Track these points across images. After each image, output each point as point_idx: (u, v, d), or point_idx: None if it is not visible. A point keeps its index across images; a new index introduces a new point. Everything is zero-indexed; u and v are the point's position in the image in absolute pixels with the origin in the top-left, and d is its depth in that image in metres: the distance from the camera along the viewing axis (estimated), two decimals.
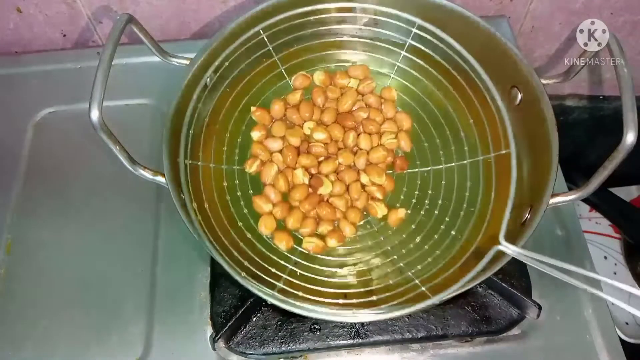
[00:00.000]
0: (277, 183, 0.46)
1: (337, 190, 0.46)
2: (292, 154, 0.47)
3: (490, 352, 0.44)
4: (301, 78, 0.51)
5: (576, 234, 0.49)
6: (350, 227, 0.45)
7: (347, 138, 0.48)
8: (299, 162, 0.47)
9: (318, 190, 0.45)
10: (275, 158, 0.48)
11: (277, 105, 0.49)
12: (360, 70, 0.51)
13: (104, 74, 0.37)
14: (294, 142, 0.48)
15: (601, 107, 0.72)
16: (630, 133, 0.36)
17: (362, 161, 0.47)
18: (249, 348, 0.44)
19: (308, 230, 0.45)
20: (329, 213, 0.45)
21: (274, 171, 0.47)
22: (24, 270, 0.48)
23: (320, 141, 0.48)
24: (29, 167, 0.54)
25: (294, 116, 0.49)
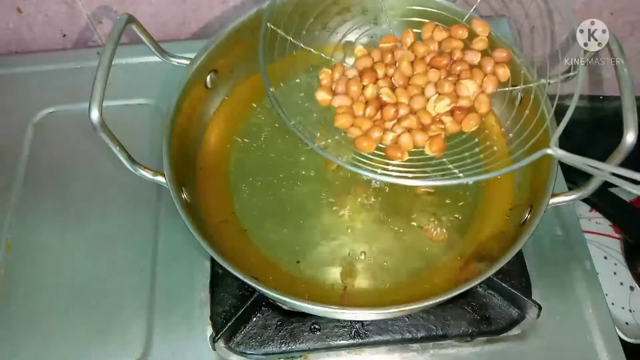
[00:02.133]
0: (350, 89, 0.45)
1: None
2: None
3: (490, 352, 0.44)
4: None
5: (576, 234, 0.49)
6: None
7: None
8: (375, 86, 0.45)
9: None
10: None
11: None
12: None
13: (104, 74, 0.37)
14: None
15: (601, 107, 0.72)
16: (630, 133, 0.36)
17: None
18: (249, 348, 0.44)
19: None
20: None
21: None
22: (23, 270, 0.48)
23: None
24: (28, 167, 0.54)
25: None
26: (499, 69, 0.45)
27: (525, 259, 0.47)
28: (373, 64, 0.47)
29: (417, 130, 0.43)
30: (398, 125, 0.44)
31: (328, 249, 0.45)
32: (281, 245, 0.46)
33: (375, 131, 0.43)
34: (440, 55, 0.47)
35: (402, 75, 0.46)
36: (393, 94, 0.45)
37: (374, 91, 0.45)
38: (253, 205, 0.47)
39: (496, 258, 0.39)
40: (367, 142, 0.42)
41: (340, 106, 0.45)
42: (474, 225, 0.46)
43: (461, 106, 0.45)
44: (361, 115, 0.44)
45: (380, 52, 0.47)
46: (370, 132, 0.43)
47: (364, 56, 0.47)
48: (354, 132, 0.43)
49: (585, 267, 0.47)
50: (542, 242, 0.48)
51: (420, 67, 0.46)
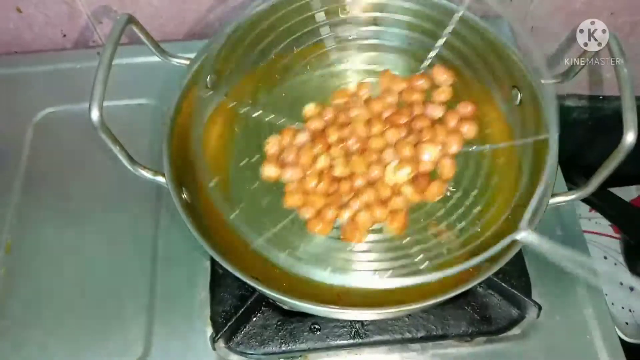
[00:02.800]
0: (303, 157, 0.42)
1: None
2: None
3: (490, 352, 0.44)
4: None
5: (576, 234, 0.49)
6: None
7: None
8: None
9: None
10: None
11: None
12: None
13: (104, 74, 0.37)
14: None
15: (601, 107, 0.72)
16: (630, 133, 0.36)
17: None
18: (249, 348, 0.44)
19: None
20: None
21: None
22: (23, 270, 0.48)
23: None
24: (29, 167, 0.54)
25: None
26: (464, 125, 0.43)
27: (525, 258, 0.47)
28: (326, 125, 0.43)
29: (376, 205, 0.41)
30: (355, 199, 0.41)
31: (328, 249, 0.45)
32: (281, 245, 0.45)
33: (329, 210, 0.40)
34: (399, 110, 0.44)
35: (357, 138, 0.42)
36: (348, 165, 0.42)
37: (327, 162, 0.42)
38: (253, 204, 0.47)
39: (496, 258, 0.39)
40: (321, 224, 0.40)
41: (291, 182, 0.42)
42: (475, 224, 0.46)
43: (424, 173, 0.42)
44: (313, 190, 0.41)
45: (333, 109, 0.44)
46: (324, 211, 0.40)
47: (315, 116, 0.44)
48: (306, 213, 0.41)
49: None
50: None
51: (377, 127, 0.43)
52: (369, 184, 0.42)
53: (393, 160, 0.42)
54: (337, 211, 0.41)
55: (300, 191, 0.42)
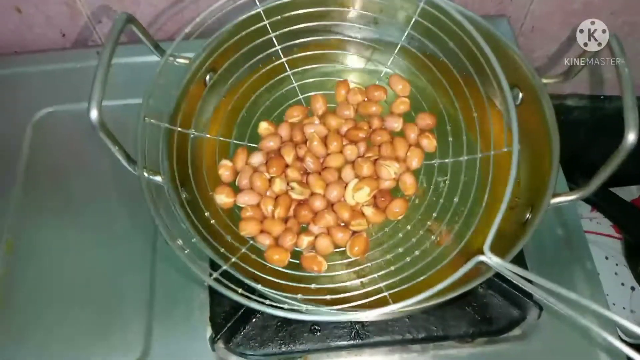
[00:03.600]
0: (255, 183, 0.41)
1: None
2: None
3: (491, 353, 0.44)
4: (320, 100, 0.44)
5: (577, 234, 0.49)
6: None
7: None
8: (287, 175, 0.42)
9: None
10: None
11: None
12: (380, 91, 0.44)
13: (103, 74, 0.37)
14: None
15: (602, 106, 0.72)
16: (631, 133, 0.36)
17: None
18: (248, 349, 0.44)
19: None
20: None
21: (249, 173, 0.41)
22: (24, 270, 0.48)
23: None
24: (28, 166, 0.53)
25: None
26: (423, 139, 0.42)
27: (526, 259, 0.47)
28: (281, 145, 0.42)
29: (336, 228, 0.40)
30: (314, 224, 0.40)
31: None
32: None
33: (287, 237, 0.39)
34: (357, 125, 0.43)
35: (314, 157, 0.41)
36: (305, 188, 0.40)
37: (283, 186, 0.40)
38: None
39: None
40: (279, 254, 0.38)
41: (246, 208, 0.40)
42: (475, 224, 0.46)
43: (383, 190, 0.41)
44: (270, 216, 0.40)
45: (288, 126, 0.43)
46: (282, 239, 0.39)
47: (270, 135, 0.43)
48: (263, 241, 0.39)
49: (586, 267, 0.47)
50: (543, 242, 0.48)
51: (334, 144, 0.41)
52: (328, 206, 0.40)
53: (352, 179, 0.41)
54: (296, 238, 0.39)
55: (257, 217, 0.40)
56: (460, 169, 0.44)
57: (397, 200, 0.41)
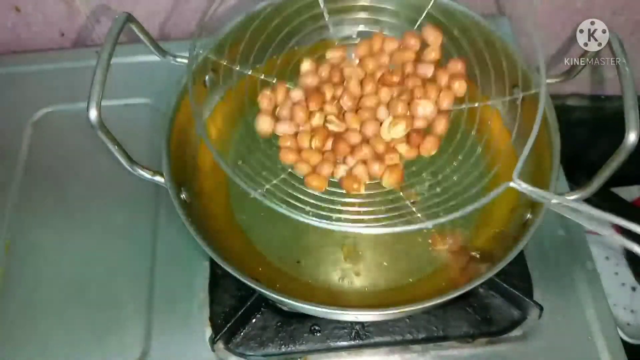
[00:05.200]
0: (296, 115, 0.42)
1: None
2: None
3: (491, 353, 0.44)
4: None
5: (578, 234, 0.49)
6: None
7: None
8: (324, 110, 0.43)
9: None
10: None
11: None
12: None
13: (102, 73, 0.37)
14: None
15: (603, 106, 0.72)
16: (632, 133, 0.36)
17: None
18: (248, 349, 0.43)
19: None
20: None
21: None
22: (22, 270, 0.48)
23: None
24: (27, 166, 0.53)
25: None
26: (454, 82, 0.43)
27: (527, 259, 0.47)
28: (320, 83, 0.44)
29: (372, 161, 0.41)
30: (351, 157, 0.41)
31: (328, 250, 0.45)
32: (281, 246, 0.45)
33: (325, 166, 0.40)
34: (391, 71, 0.44)
35: (351, 96, 0.43)
36: (342, 122, 0.42)
37: (321, 120, 0.42)
38: (253, 205, 0.47)
39: (497, 258, 0.39)
40: (318, 181, 0.40)
41: (284, 137, 0.42)
42: (476, 225, 0.46)
43: (418, 129, 0.42)
44: (308, 148, 0.41)
45: (328, 66, 0.45)
46: (319, 167, 0.41)
47: (310, 73, 0.44)
48: (302, 169, 0.41)
49: (587, 267, 0.47)
50: (544, 243, 0.48)
51: (370, 86, 0.43)
52: (364, 141, 0.42)
53: (387, 118, 0.42)
54: (333, 167, 0.41)
55: (295, 148, 0.42)
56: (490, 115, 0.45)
57: (429, 137, 0.42)
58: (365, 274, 0.44)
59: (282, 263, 0.44)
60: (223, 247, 0.42)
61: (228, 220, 0.46)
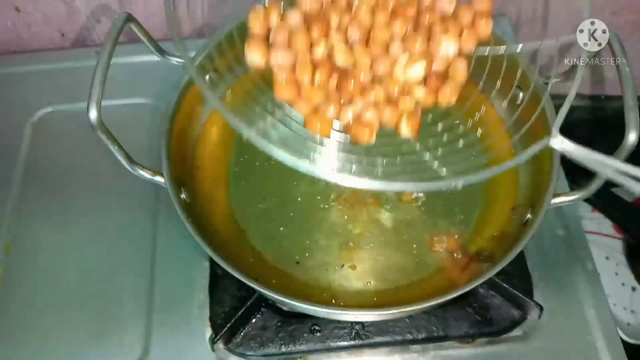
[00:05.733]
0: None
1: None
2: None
3: (491, 354, 0.44)
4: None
5: (578, 234, 0.49)
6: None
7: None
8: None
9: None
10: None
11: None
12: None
13: (102, 73, 0.37)
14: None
15: (603, 106, 0.72)
16: (632, 133, 0.36)
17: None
18: (248, 349, 0.43)
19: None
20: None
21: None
22: (22, 270, 0.48)
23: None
24: (27, 166, 0.53)
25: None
26: (479, 21, 0.37)
27: (527, 259, 0.47)
28: (323, 7, 0.36)
29: (385, 104, 0.34)
30: (359, 97, 0.35)
31: (328, 249, 0.45)
32: (281, 246, 0.45)
33: (329, 106, 0.34)
34: (407, 1, 0.37)
35: (360, 26, 0.35)
36: (350, 54, 0.35)
37: (325, 50, 0.35)
38: (253, 205, 0.47)
39: (498, 258, 0.39)
40: (321, 122, 0.33)
41: (279, 69, 0.34)
42: (476, 225, 0.46)
43: (436, 71, 0.36)
44: (309, 83, 0.34)
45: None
46: (323, 108, 0.34)
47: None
48: (302, 108, 0.34)
49: (587, 267, 0.47)
50: (544, 243, 0.48)
51: (382, 16, 0.36)
52: (375, 81, 0.35)
53: (402, 54, 0.35)
54: (338, 109, 0.34)
55: (293, 82, 0.34)
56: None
57: (451, 82, 0.36)
58: (365, 273, 0.44)
59: (282, 263, 0.44)
60: (223, 247, 0.42)
61: (228, 220, 0.46)
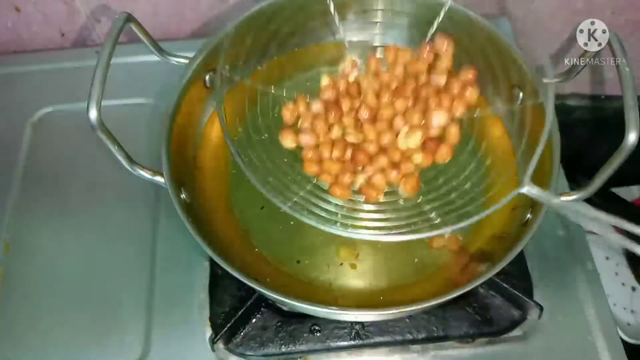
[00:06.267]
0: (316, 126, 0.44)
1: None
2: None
3: (491, 354, 0.44)
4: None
5: (578, 235, 0.49)
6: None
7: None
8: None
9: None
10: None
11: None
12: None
13: (102, 73, 0.37)
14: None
15: (603, 106, 0.72)
16: (632, 133, 0.36)
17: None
18: (248, 349, 0.43)
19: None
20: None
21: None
22: (22, 270, 0.48)
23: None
24: (27, 166, 0.53)
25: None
26: (466, 90, 0.45)
27: (527, 259, 0.47)
28: (338, 96, 0.46)
29: (389, 169, 0.43)
30: (369, 166, 0.43)
31: (328, 250, 0.45)
32: (281, 246, 0.45)
33: (345, 175, 0.43)
34: (405, 82, 0.46)
35: (368, 107, 0.45)
36: (360, 133, 0.44)
37: (340, 132, 0.44)
38: (253, 205, 0.47)
39: (498, 258, 0.39)
40: (341, 189, 0.42)
41: (307, 149, 0.44)
42: (476, 225, 0.46)
43: (432, 137, 0.44)
44: (329, 158, 0.44)
45: (345, 81, 0.47)
46: (340, 176, 0.43)
47: (329, 87, 0.47)
48: (326, 179, 0.43)
49: (587, 267, 0.47)
50: (544, 243, 0.48)
51: (386, 98, 0.45)
52: (381, 151, 0.44)
53: (403, 127, 0.44)
54: (353, 176, 0.43)
55: (317, 159, 0.44)
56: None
57: (444, 145, 0.44)
58: (365, 273, 0.44)
59: (282, 263, 0.44)
60: (223, 247, 0.42)
61: (228, 220, 0.46)
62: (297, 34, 0.49)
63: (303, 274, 0.44)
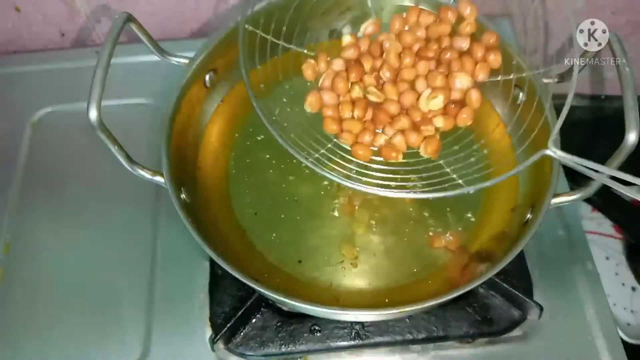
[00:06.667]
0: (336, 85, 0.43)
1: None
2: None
3: (491, 354, 0.44)
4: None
5: (578, 234, 0.49)
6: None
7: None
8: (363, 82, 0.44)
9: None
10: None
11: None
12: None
13: (102, 73, 0.37)
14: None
15: (603, 106, 0.72)
16: (632, 133, 0.36)
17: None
18: (248, 349, 0.43)
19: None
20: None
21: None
22: (22, 270, 0.48)
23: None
24: (27, 166, 0.53)
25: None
26: (489, 55, 0.44)
27: (527, 259, 0.47)
28: (359, 56, 0.45)
29: (410, 131, 0.43)
30: (390, 127, 0.43)
31: (329, 249, 0.45)
32: (281, 246, 0.45)
33: (366, 135, 0.42)
34: (428, 44, 0.45)
35: (390, 68, 0.44)
36: (381, 92, 0.44)
37: (361, 91, 0.44)
38: (253, 205, 0.47)
39: (498, 258, 0.39)
40: (362, 150, 0.42)
41: (327, 107, 0.43)
42: (476, 225, 0.46)
43: (455, 100, 0.43)
44: (349, 118, 0.43)
45: (367, 40, 0.46)
46: (361, 136, 0.42)
47: (351, 45, 0.46)
48: (347, 139, 0.42)
49: (587, 267, 0.47)
50: (544, 243, 0.48)
51: (408, 59, 0.45)
52: (402, 111, 0.43)
53: (425, 89, 0.43)
54: (374, 136, 0.43)
55: (337, 118, 0.43)
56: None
57: (466, 108, 0.43)
58: (365, 273, 0.44)
59: (282, 263, 0.44)
60: (223, 247, 0.42)
61: (228, 220, 0.46)
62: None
63: (303, 274, 0.44)
